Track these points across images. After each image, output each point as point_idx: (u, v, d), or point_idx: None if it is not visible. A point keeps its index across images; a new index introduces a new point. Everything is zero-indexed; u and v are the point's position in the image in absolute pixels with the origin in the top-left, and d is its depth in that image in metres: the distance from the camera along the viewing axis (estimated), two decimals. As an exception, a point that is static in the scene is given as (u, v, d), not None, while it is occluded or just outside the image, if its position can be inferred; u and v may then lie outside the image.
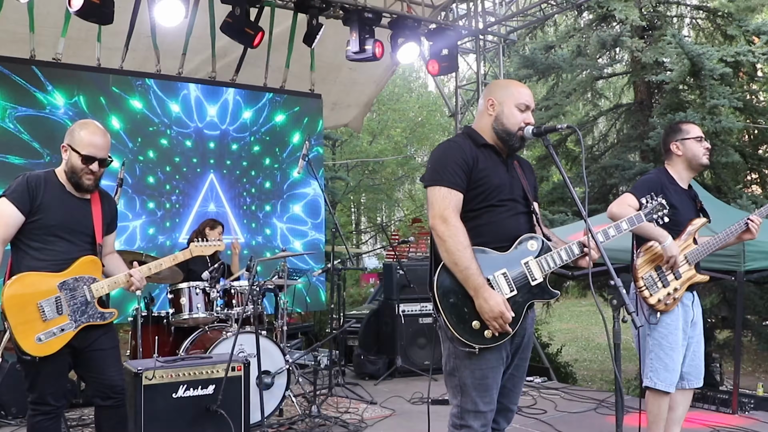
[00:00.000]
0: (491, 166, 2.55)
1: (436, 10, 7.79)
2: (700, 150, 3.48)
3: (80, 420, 4.82)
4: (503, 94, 2.63)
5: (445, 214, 2.42)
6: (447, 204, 2.44)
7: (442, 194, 2.46)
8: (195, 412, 3.74)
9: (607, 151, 10.54)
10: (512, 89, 2.65)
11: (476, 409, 2.48)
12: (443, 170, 2.49)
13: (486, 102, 2.65)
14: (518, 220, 2.57)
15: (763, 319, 8.55)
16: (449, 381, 2.54)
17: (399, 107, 21.44)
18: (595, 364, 11.95)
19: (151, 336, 5.00)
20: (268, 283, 5.19)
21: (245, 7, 6.03)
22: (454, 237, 2.39)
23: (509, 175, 2.60)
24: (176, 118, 7.08)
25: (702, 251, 3.45)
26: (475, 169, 2.50)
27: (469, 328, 2.39)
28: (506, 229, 2.53)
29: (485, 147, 2.59)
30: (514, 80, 2.82)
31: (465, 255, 2.38)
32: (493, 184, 2.52)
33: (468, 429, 2.49)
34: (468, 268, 2.37)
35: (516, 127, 2.58)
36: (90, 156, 3.03)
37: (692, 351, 3.50)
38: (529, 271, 2.49)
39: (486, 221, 2.51)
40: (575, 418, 4.95)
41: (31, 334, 2.89)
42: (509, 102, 2.60)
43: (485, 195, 2.51)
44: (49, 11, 6.14)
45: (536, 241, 2.54)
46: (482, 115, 2.67)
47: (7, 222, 2.94)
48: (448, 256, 2.40)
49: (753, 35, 8.63)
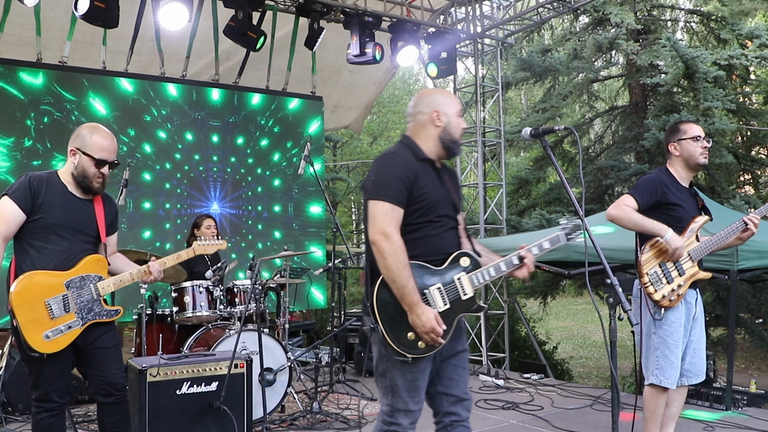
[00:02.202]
0: (430, 183, 2.60)
1: (435, 14, 7.86)
2: (696, 150, 3.48)
3: (86, 416, 4.85)
4: (446, 104, 2.67)
5: (388, 230, 2.46)
6: (389, 220, 2.48)
7: (385, 210, 2.49)
8: (198, 409, 3.77)
9: (602, 152, 10.65)
10: (451, 99, 2.73)
11: (406, 408, 2.59)
12: (387, 185, 2.51)
13: (431, 114, 2.65)
14: (451, 235, 2.65)
15: (756, 317, 8.64)
16: (380, 381, 2.62)
17: (399, 109, 21.48)
18: (591, 361, 12.05)
19: (156, 334, 5.02)
20: (270, 282, 5.25)
21: (248, 11, 6.07)
22: (394, 255, 2.44)
23: (443, 189, 2.65)
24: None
25: (704, 248, 3.46)
26: (416, 185, 2.54)
27: (404, 339, 2.49)
28: (441, 244, 2.60)
29: (425, 161, 2.63)
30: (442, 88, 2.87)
31: (403, 274, 2.44)
32: (432, 201, 2.57)
33: (398, 426, 2.60)
34: (404, 287, 2.44)
35: (459, 135, 2.70)
36: (103, 160, 3.09)
37: (693, 348, 3.51)
38: (461, 286, 2.58)
39: (423, 236, 2.57)
40: (571, 415, 4.98)
41: (39, 331, 2.93)
42: (452, 111, 2.67)
43: (424, 211, 2.56)
44: (55, 15, 6.19)
45: (468, 258, 2.63)
46: (425, 127, 2.67)
47: (9, 220, 2.97)
48: (387, 272, 2.46)
49: (746, 39, 8.75)
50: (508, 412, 5.08)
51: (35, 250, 2.99)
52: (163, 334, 5.04)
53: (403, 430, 2.62)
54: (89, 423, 4.66)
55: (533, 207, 9.82)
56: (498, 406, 5.26)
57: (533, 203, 10.14)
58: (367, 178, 2.63)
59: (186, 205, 7.15)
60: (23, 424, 4.66)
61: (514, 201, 10.38)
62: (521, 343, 9.75)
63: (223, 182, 7.39)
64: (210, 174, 7.31)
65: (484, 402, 5.38)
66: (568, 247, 5.51)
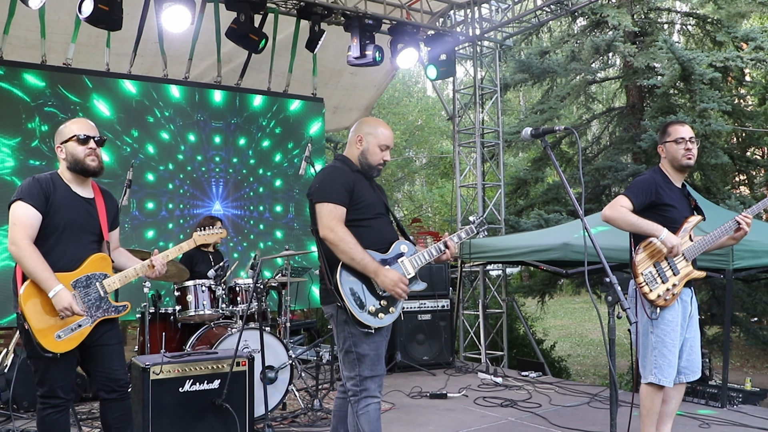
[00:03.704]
0: (365, 188, 3.12)
1: (435, 17, 7.92)
2: (679, 152, 3.49)
3: (90, 413, 4.89)
4: (371, 135, 3.16)
5: (332, 224, 2.95)
6: (333, 216, 2.97)
7: (329, 209, 2.99)
8: (201, 406, 3.81)
9: (600, 153, 10.72)
10: (378, 130, 3.18)
11: (373, 374, 3.02)
12: (330, 189, 3.02)
13: (356, 137, 3.18)
14: (389, 229, 3.19)
15: (751, 316, 8.72)
16: (346, 358, 3.04)
17: (399, 111, 21.55)
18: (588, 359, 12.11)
19: (159, 332, 5.08)
20: (272, 281, 5.31)
21: (249, 13, 6.11)
22: (343, 241, 2.93)
23: (375, 194, 3.19)
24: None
25: (698, 248, 3.46)
26: (355, 189, 3.05)
27: (367, 313, 2.97)
28: (382, 235, 3.12)
29: (358, 172, 3.16)
30: (381, 121, 3.31)
31: (357, 249, 2.94)
32: (368, 202, 3.10)
33: (367, 391, 3.01)
34: (363, 259, 2.94)
35: (377, 163, 3.17)
36: (85, 135, 3.15)
37: (689, 346, 3.52)
38: (404, 267, 3.09)
39: (367, 230, 3.06)
40: (569, 412, 5.02)
41: (50, 332, 2.97)
42: (374, 142, 3.16)
43: (363, 210, 3.07)
44: (59, 17, 6.24)
45: (406, 245, 3.15)
46: (351, 146, 3.21)
47: (31, 223, 3.00)
48: (344, 255, 2.94)
49: (741, 41, 8.82)
50: (507, 410, 5.12)
51: (43, 252, 3.00)
52: (166, 333, 5.10)
53: (373, 393, 3.02)
54: (93, 420, 4.70)
55: (531, 207, 9.88)
56: (496, 403, 5.31)
57: (531, 203, 10.20)
58: (312, 186, 3.13)
59: (189, 205, 7.20)
60: (28, 421, 4.68)
61: (512, 201, 10.45)
62: (519, 341, 9.81)
63: (226, 182, 7.45)
64: (212, 174, 7.36)
65: (483, 399, 5.44)
66: (567, 246, 5.65)
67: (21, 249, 2.95)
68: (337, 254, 2.95)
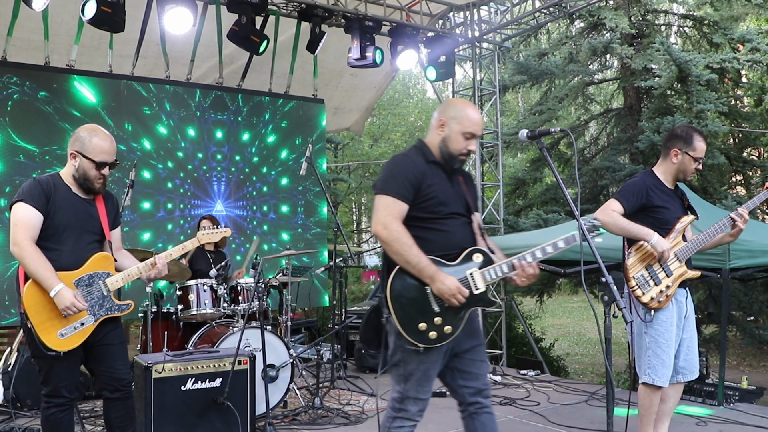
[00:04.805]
0: (438, 183, 2.71)
1: (434, 19, 7.97)
2: (691, 168, 3.49)
3: (93, 411, 4.91)
4: (455, 119, 2.73)
5: (386, 221, 2.59)
6: (389, 212, 2.61)
7: (387, 203, 2.63)
8: (203, 404, 3.83)
9: (597, 153, 10.77)
10: (464, 114, 2.74)
11: (416, 397, 2.70)
12: (393, 181, 2.65)
13: (438, 120, 2.77)
14: (464, 231, 2.75)
15: (748, 315, 8.77)
16: (395, 370, 2.72)
17: (399, 112, 21.61)
18: (586, 358, 12.17)
19: (161, 331, 5.13)
20: (273, 281, 5.33)
21: (251, 15, 6.16)
22: (397, 240, 2.56)
23: (453, 190, 2.77)
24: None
25: (691, 248, 3.46)
26: (423, 184, 2.66)
27: (416, 329, 2.58)
28: (454, 239, 2.69)
29: (434, 164, 2.75)
30: (470, 104, 2.87)
31: (413, 251, 2.56)
32: (440, 199, 2.69)
33: (406, 412, 2.72)
34: (420, 262, 2.56)
35: (458, 153, 2.74)
36: (103, 162, 3.13)
37: (686, 346, 3.52)
38: (473, 280, 2.65)
39: (434, 232, 2.68)
40: (567, 410, 5.03)
41: (53, 330, 2.98)
42: (458, 128, 2.72)
43: (432, 208, 2.67)
44: (62, 20, 6.28)
45: (481, 254, 2.70)
46: (432, 131, 2.80)
47: (33, 224, 3.01)
48: (398, 257, 2.58)
49: (738, 43, 8.88)
50: (505, 408, 5.13)
51: (44, 252, 3.02)
52: (168, 332, 5.13)
53: (411, 416, 2.73)
54: (96, 418, 4.71)
55: (530, 207, 9.93)
56: (495, 401, 5.31)
57: (530, 203, 10.25)
58: (379, 177, 2.76)
59: (189, 205, 7.21)
60: (32, 420, 4.67)
61: (511, 201, 10.50)
62: (518, 340, 9.86)
63: (228, 181, 7.46)
64: (214, 173, 7.36)
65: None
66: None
67: (23, 249, 2.96)
68: (391, 255, 2.60)
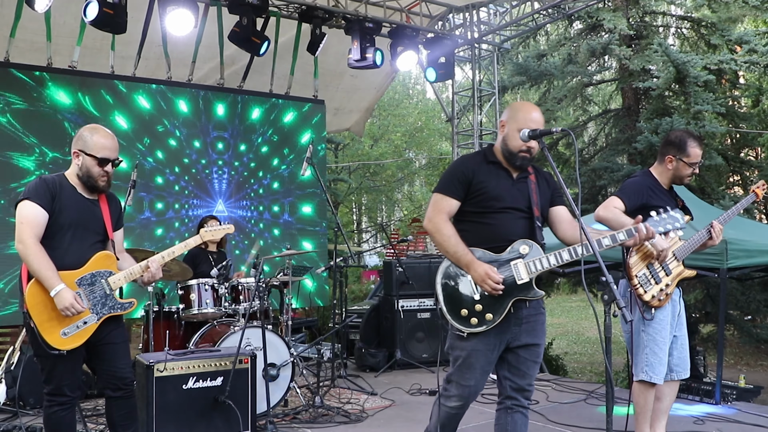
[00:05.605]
0: (492, 179, 2.86)
1: (434, 20, 8.01)
2: (686, 173, 3.59)
3: (95, 410, 4.91)
4: (512, 119, 2.87)
5: (432, 215, 2.86)
6: (436, 207, 2.87)
7: (435, 199, 2.90)
8: (204, 403, 3.86)
9: (596, 154, 10.81)
10: (519, 114, 2.87)
11: (459, 381, 2.87)
12: (443, 180, 2.92)
13: (501, 122, 2.94)
14: (514, 225, 2.83)
15: (745, 314, 8.80)
16: (451, 354, 2.91)
17: (399, 112, 21.65)
18: (585, 357, 12.21)
19: (162, 330, 5.13)
20: (274, 280, 5.34)
21: (252, 17, 6.21)
22: (439, 232, 2.81)
23: (514, 187, 2.88)
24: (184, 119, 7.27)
25: (688, 247, 3.55)
26: (474, 181, 2.84)
27: (459, 315, 2.77)
28: (502, 232, 2.81)
29: (492, 163, 2.91)
30: (528, 104, 2.98)
31: (451, 242, 2.78)
32: (493, 194, 2.83)
33: (448, 393, 2.92)
34: (456, 252, 2.76)
35: (517, 150, 2.84)
36: (105, 158, 3.17)
37: (680, 344, 3.59)
38: (516, 271, 2.77)
39: (484, 225, 2.84)
40: (566, 409, 5.04)
41: (56, 330, 2.99)
42: (514, 127, 2.84)
43: (484, 202, 2.83)
44: (65, 21, 6.31)
45: (528, 246, 2.79)
46: (499, 134, 2.97)
47: (38, 222, 3.03)
48: (441, 247, 2.83)
49: (735, 44, 8.93)
50: (505, 406, 5.20)
51: (48, 251, 3.03)
52: (169, 331, 5.14)
53: (452, 402, 2.91)
54: (98, 417, 4.72)
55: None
56: (494, 400, 5.27)
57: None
58: None
59: (192, 205, 7.29)
60: (34, 418, 4.66)
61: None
62: (517, 340, 9.86)
63: (229, 183, 7.54)
64: (215, 176, 7.45)
65: (482, 396, 5.44)
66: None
67: (27, 247, 2.98)
68: (436, 246, 2.87)
